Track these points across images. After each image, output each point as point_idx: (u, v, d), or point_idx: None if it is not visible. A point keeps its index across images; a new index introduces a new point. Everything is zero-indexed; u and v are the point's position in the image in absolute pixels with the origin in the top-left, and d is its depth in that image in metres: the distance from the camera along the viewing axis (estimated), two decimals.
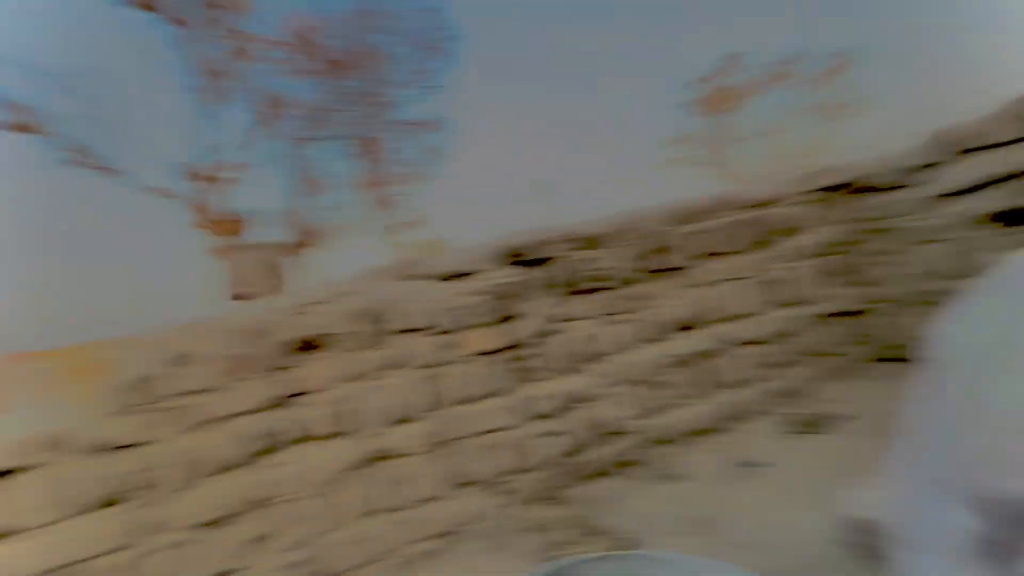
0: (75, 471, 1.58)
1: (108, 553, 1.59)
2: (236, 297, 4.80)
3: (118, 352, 1.71)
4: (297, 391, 1.83)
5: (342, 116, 13.71)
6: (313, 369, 1.84)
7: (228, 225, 11.02)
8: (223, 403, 1.74)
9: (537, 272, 2.15)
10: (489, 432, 1.98)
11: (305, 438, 1.83)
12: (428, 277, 2.08)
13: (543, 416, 2.06)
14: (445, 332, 1.97)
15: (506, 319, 2.06)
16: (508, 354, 2.07)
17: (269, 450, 1.78)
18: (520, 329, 2.09)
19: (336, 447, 1.83)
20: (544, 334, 2.12)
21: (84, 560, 1.55)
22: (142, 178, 10.98)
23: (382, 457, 1.88)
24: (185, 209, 11.13)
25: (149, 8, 11.06)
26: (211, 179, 11.16)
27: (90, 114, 10.57)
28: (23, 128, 9.96)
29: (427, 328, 1.96)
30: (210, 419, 1.72)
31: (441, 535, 1.90)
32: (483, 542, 1.94)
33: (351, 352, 1.87)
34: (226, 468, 1.73)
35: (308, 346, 1.84)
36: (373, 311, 1.91)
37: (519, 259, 2.13)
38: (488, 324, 2.03)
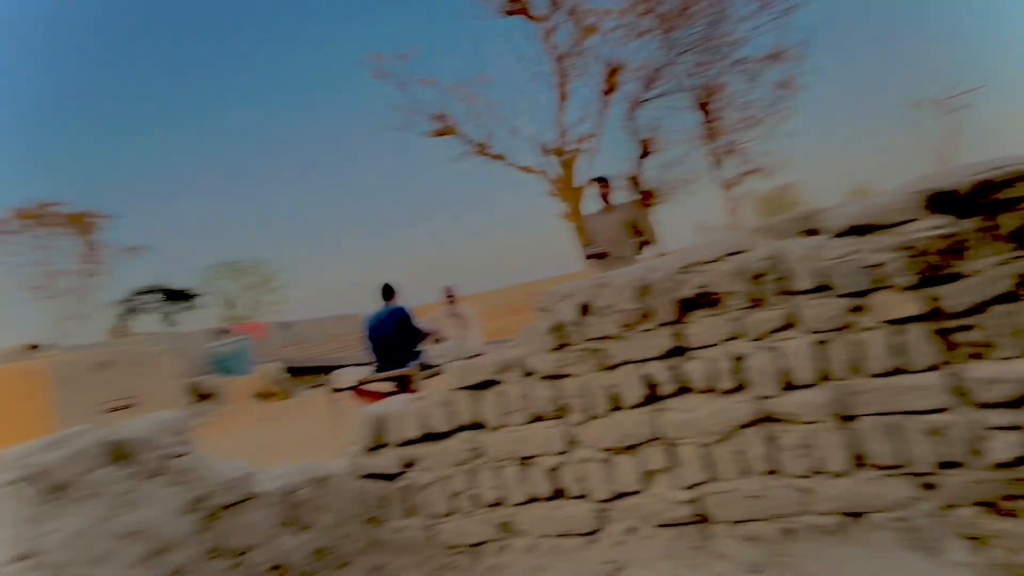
0: (528, 388, 2.12)
1: (552, 455, 2.08)
2: (591, 256, 5.36)
3: (530, 297, 2.15)
4: (687, 346, 1.93)
5: (678, 69, 13.41)
6: (701, 326, 1.91)
7: (579, 192, 12.38)
8: (623, 350, 1.99)
9: (976, 221, 1.66)
10: (910, 413, 1.67)
11: (694, 389, 1.93)
12: (821, 231, 1.86)
13: (988, 404, 1.62)
14: (849, 294, 1.74)
15: (933, 280, 1.68)
16: (934, 324, 1.68)
17: (662, 396, 1.96)
18: (953, 294, 1.66)
19: (726, 403, 1.87)
20: (988, 301, 1.63)
21: (537, 456, 2.09)
22: (516, 159, 13.35)
23: (776, 419, 1.82)
24: (545, 181, 13.05)
25: (514, 13, 13.09)
26: (563, 152, 12.69)
27: (481, 112, 13.41)
28: (444, 132, 13.44)
29: (825, 288, 1.77)
30: (614, 363, 2.00)
31: (843, 514, 1.74)
32: (898, 536, 1.69)
33: (739, 311, 1.86)
34: (627, 406, 1.99)
35: (694, 303, 1.91)
36: (760, 269, 1.83)
37: (950, 205, 1.68)
38: (906, 287, 1.69)
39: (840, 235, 1.80)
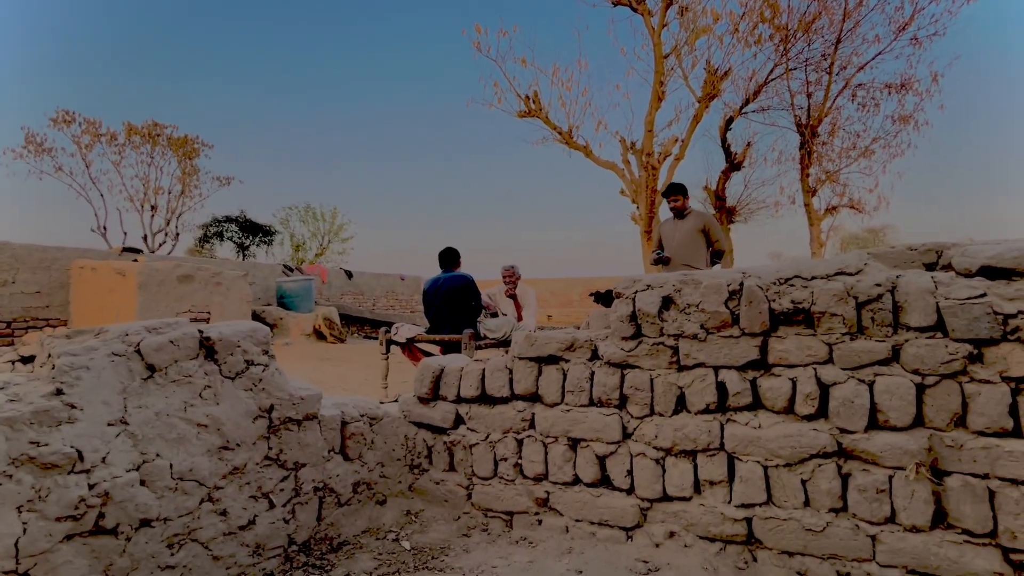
0: (591, 372, 2.09)
1: (604, 442, 2.05)
2: (657, 261, 5.22)
3: (584, 292, 2.10)
4: (769, 361, 1.83)
5: (788, 85, 12.66)
6: (790, 343, 1.80)
7: (656, 196, 12.03)
8: (700, 352, 1.91)
9: None
10: (1010, 481, 1.52)
11: (768, 407, 1.83)
12: (949, 267, 1.70)
13: None
14: (968, 340, 1.58)
15: None
16: None
17: (732, 407, 1.87)
18: None
19: (802, 427, 1.76)
20: None
21: (589, 440, 2.07)
22: (598, 153, 13.13)
23: (854, 456, 1.70)
24: (623, 180, 12.77)
25: (624, 4, 12.74)
26: (647, 153, 12.33)
27: (572, 100, 13.22)
28: (531, 114, 13.38)
29: (939, 329, 1.62)
30: (688, 363, 1.93)
31: (908, 571, 1.61)
32: None
33: (836, 336, 1.74)
34: (694, 410, 1.92)
35: (787, 318, 1.81)
36: (871, 294, 1.70)
37: None
38: None
39: (970, 275, 1.64)
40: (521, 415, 2.21)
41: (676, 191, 5.20)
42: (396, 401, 2.58)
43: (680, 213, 5.20)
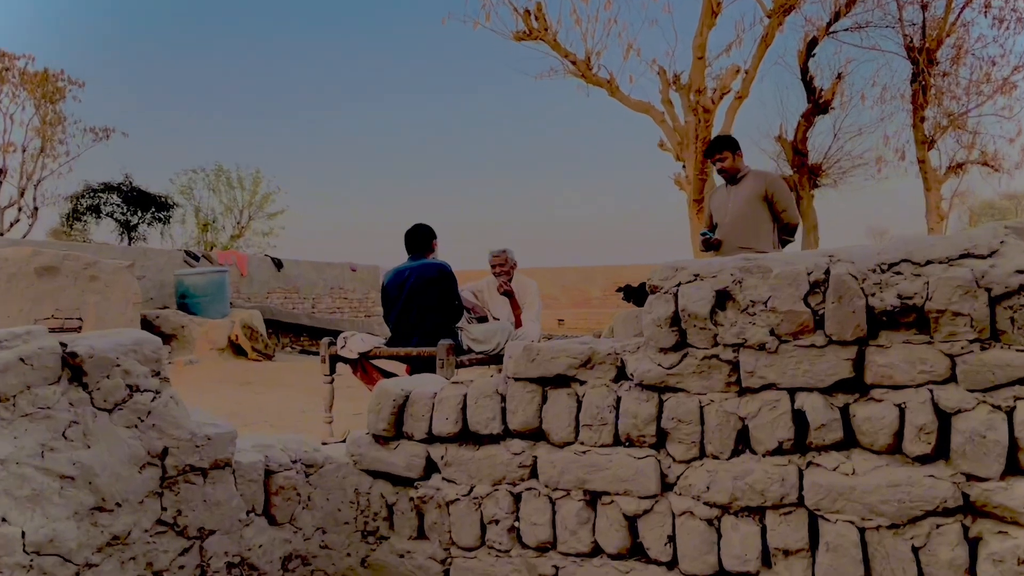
0: (616, 397, 2.10)
1: (636, 496, 2.05)
2: (706, 245, 5.25)
3: (608, 285, 2.11)
4: (868, 380, 1.83)
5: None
6: (896, 354, 1.80)
7: (698, 147, 12.03)
8: (771, 368, 1.92)
9: None
10: None
11: (865, 444, 1.84)
12: None
13: None
14: None
15: None
16: None
17: (815, 446, 1.88)
18: None
19: (913, 473, 1.77)
20: None
21: (613, 493, 2.08)
22: (628, 90, 13.12)
23: (987, 513, 1.71)
24: (663, 127, 12.77)
25: None
26: (697, 90, 12.32)
27: (589, 14, 13.21)
28: (531, 37, 13.37)
29: None
30: (754, 384, 1.94)
31: None
32: None
33: (961, 343, 1.74)
34: (761, 450, 1.93)
35: (891, 319, 1.81)
36: (1011, 286, 1.70)
37: None
38: None
39: None
40: (518, 459, 2.21)
41: (721, 146, 5.20)
42: (344, 441, 2.58)
43: (732, 177, 5.20)
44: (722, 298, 2.01)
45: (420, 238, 5.15)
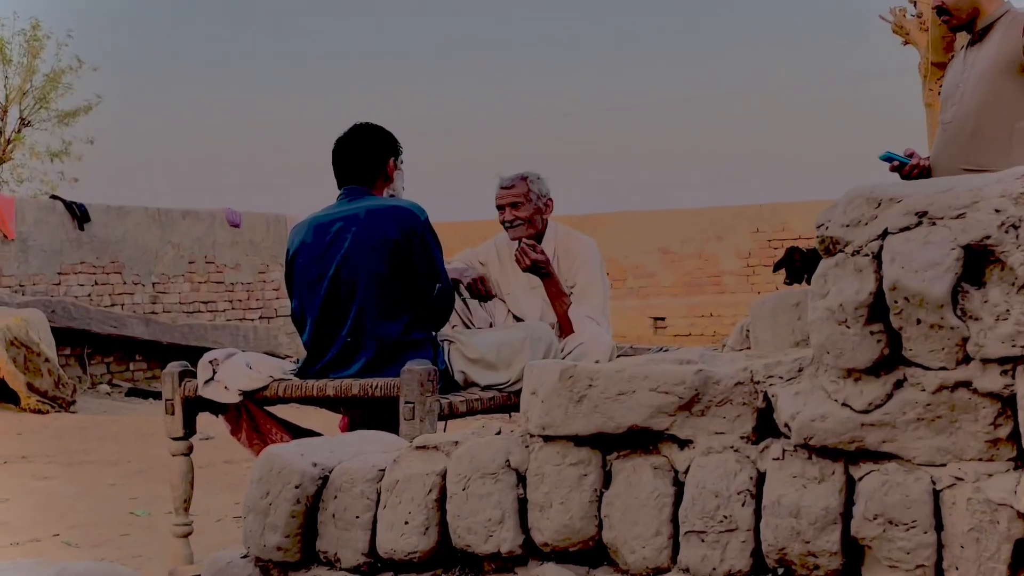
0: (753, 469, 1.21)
1: None
2: (900, 168, 3.50)
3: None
4: None
5: None
6: None
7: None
8: None
9: None
10: None
11: None
12: None
13: None
14: None
15: None
16: None
17: None
18: None
19: None
20: None
21: None
22: None
23: None
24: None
25: None
26: None
27: None
28: None
29: None
30: None
31: None
32: None
33: None
34: None
35: None
36: None
37: None
38: None
39: None
40: None
41: None
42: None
43: (981, 31, 3.07)
44: (976, 261, 1.23)
45: (362, 156, 2.90)
